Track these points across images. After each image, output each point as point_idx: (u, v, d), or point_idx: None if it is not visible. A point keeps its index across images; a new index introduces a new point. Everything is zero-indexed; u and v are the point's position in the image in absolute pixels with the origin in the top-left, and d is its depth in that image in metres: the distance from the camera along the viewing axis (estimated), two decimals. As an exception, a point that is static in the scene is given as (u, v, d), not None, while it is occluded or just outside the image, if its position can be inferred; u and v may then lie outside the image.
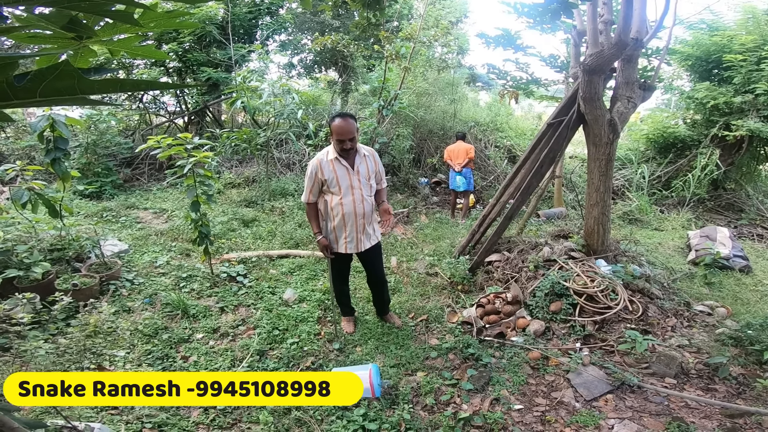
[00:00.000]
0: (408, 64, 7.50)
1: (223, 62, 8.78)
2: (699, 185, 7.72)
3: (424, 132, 9.25)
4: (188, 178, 3.90)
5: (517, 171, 4.70)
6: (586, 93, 3.92)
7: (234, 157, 8.40)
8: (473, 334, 3.66)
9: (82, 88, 0.68)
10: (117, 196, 7.03)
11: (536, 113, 13.58)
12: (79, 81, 0.67)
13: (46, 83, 0.66)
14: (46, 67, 0.65)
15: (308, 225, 5.88)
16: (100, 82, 0.70)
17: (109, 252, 4.52)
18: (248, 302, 4.06)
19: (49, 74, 0.65)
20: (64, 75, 0.65)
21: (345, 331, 3.68)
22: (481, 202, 8.19)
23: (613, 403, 2.91)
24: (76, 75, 0.66)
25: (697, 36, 7.95)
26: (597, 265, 4.05)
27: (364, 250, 3.33)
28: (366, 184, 3.19)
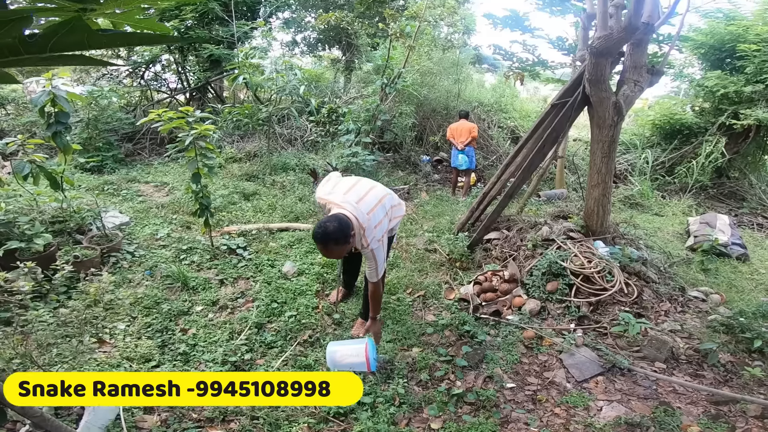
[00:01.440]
0: (413, 42, 7.39)
1: (226, 39, 8.67)
2: (702, 172, 7.70)
3: (427, 111, 9.18)
4: (190, 150, 3.89)
5: (519, 150, 4.69)
6: (592, 75, 3.89)
7: (235, 132, 8.35)
8: (470, 311, 3.70)
9: (92, 42, 0.70)
10: (118, 169, 7.02)
11: (542, 96, 13.41)
12: (89, 36, 0.69)
13: (57, 38, 0.67)
14: (59, 22, 0.66)
15: (309, 200, 5.90)
16: (108, 37, 0.73)
17: (110, 224, 4.53)
18: (247, 275, 4.08)
19: (61, 29, 0.66)
20: (75, 29, 0.67)
21: (329, 299, 3.69)
22: (482, 180, 8.18)
23: (603, 385, 2.96)
24: (87, 30, 0.68)
25: (713, 24, 7.85)
26: (595, 246, 4.07)
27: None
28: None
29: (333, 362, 2.98)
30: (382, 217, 2.75)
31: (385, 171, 7.81)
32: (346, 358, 2.91)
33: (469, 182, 7.47)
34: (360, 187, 2.84)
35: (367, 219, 2.62)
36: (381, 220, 2.73)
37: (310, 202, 5.91)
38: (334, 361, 2.96)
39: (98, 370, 2.71)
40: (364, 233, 2.59)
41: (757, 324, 3.28)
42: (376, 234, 2.65)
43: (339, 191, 2.75)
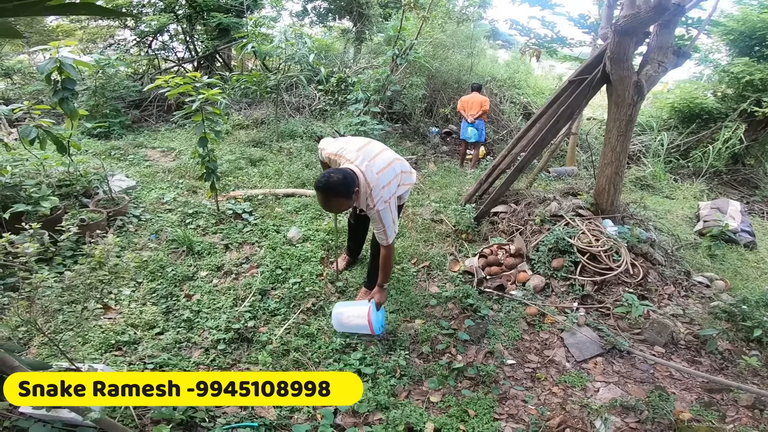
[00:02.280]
0: (427, 14, 7.20)
1: (234, 7, 8.49)
2: (718, 157, 7.59)
3: (438, 83, 9.04)
4: (197, 115, 3.84)
5: (532, 124, 4.61)
6: (615, 53, 3.78)
7: (243, 99, 8.28)
8: (474, 284, 3.69)
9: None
10: (125, 135, 7.00)
11: (557, 74, 13.11)
12: None
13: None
14: None
15: (315, 167, 5.85)
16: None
17: (116, 188, 4.53)
18: (252, 240, 4.07)
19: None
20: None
21: (334, 266, 3.66)
22: (491, 154, 8.13)
23: (602, 367, 2.96)
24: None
25: (746, 11, 7.65)
26: (604, 224, 4.02)
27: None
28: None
29: (339, 323, 2.98)
30: (391, 178, 2.71)
31: (393, 141, 7.71)
32: (352, 319, 2.91)
33: (477, 155, 7.42)
34: (371, 147, 2.79)
35: (376, 178, 2.58)
36: (390, 181, 2.69)
37: (317, 168, 5.85)
38: (341, 322, 2.96)
39: (103, 337, 2.74)
40: (371, 193, 2.55)
41: (758, 313, 3.24)
42: (384, 195, 2.61)
43: (351, 148, 2.71)
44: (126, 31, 9.79)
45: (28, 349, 2.60)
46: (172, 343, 2.79)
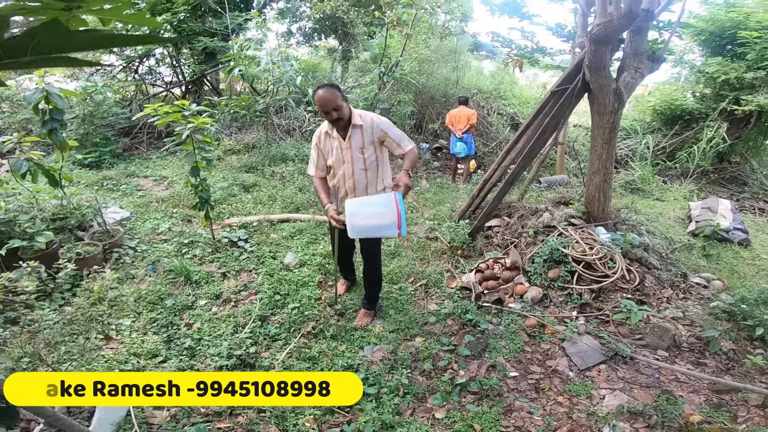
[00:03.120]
0: (410, 31, 7.31)
1: (220, 31, 8.58)
2: (704, 157, 7.69)
3: (425, 98, 9.15)
4: (187, 143, 3.87)
5: (519, 136, 4.67)
6: (592, 62, 3.87)
7: (233, 124, 8.32)
8: (472, 299, 3.71)
9: (75, 43, 0.66)
10: (116, 164, 7.01)
11: (541, 82, 13.33)
12: (69, 38, 0.65)
13: (39, 41, 0.64)
14: (37, 26, 0.63)
15: (309, 190, 5.90)
16: (91, 38, 0.67)
17: (111, 220, 4.53)
18: (250, 267, 4.09)
19: (39, 32, 0.63)
20: (53, 31, 0.63)
21: (336, 291, 3.65)
22: (482, 167, 8.19)
23: (606, 374, 2.96)
24: (66, 32, 0.64)
25: (713, 11, 7.81)
26: (596, 232, 4.07)
27: None
28: (358, 156, 2.96)
29: (353, 226, 2.64)
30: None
31: (385, 159, 7.75)
32: (370, 219, 2.63)
33: (468, 169, 7.47)
34: None
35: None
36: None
37: (310, 192, 5.89)
38: (354, 224, 2.63)
39: (106, 366, 2.73)
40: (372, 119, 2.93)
41: (758, 311, 3.25)
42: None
43: None
44: (111, 56, 9.81)
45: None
46: (175, 370, 2.78)
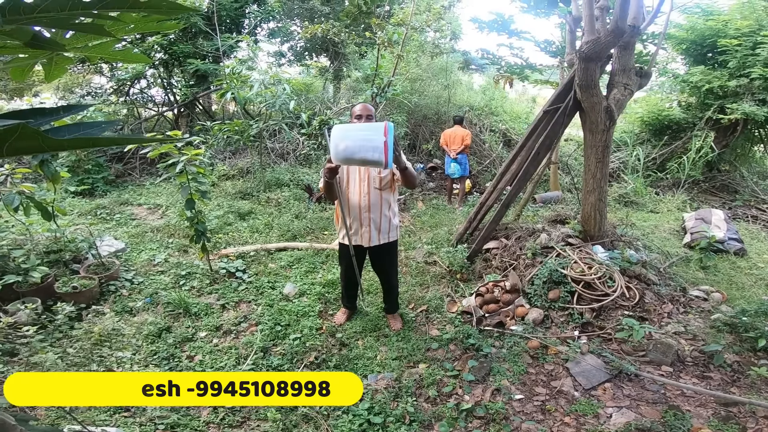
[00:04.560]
0: (401, 51, 7.40)
1: (211, 53, 8.63)
2: (694, 167, 7.78)
3: (418, 117, 9.22)
4: (181, 175, 3.85)
5: (513, 158, 4.70)
6: (583, 80, 3.90)
7: (227, 148, 8.32)
8: (473, 323, 3.69)
9: (50, 146, 0.62)
10: (110, 192, 6.96)
11: (530, 96, 13.52)
12: (44, 140, 0.61)
13: (9, 143, 0.60)
14: (3, 129, 0.58)
15: (305, 217, 5.89)
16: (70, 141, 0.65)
17: (105, 252, 4.49)
18: (249, 298, 4.06)
19: (9, 136, 0.59)
20: (25, 136, 0.59)
21: (335, 321, 3.69)
22: (477, 186, 8.20)
23: (611, 392, 2.96)
24: (39, 136, 0.60)
25: (692, 20, 7.95)
26: (594, 251, 4.09)
27: (372, 246, 3.27)
28: (375, 176, 3.13)
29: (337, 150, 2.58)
30: None
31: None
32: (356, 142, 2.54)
33: (464, 189, 7.44)
34: None
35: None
36: None
37: (307, 219, 5.89)
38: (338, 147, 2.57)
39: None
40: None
41: (760, 322, 3.28)
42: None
43: None
44: (102, 78, 9.80)
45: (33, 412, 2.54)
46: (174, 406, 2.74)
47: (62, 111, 0.67)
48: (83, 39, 1.01)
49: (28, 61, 1.04)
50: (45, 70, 1.10)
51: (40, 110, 0.66)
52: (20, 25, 0.77)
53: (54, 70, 1.11)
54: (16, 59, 1.04)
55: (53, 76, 1.12)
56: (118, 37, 1.00)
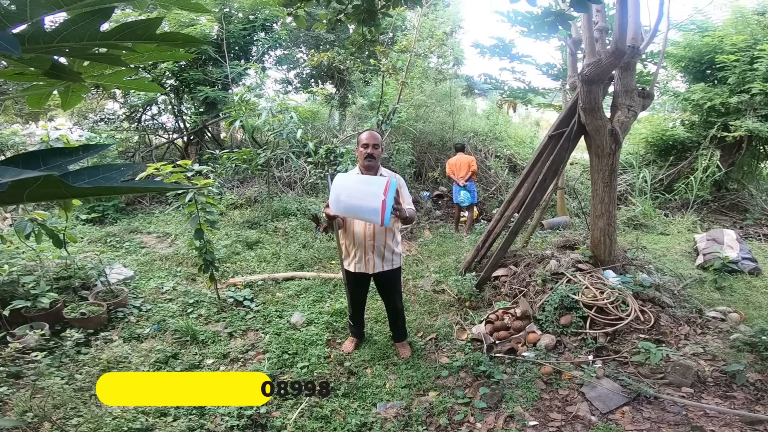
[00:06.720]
0: (405, 78, 7.52)
1: (220, 80, 8.83)
2: (702, 187, 7.70)
3: (423, 144, 9.26)
4: (190, 205, 3.89)
5: (520, 185, 4.68)
6: (586, 103, 3.90)
7: (235, 177, 8.41)
8: (483, 351, 3.62)
9: (72, 194, 0.64)
10: (120, 220, 7.03)
11: (534, 119, 13.61)
12: (66, 188, 0.62)
13: (31, 189, 0.60)
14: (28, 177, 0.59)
15: (313, 246, 5.89)
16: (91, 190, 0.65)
17: (114, 279, 4.51)
18: (256, 326, 4.03)
19: (32, 182, 0.59)
20: (48, 184, 0.60)
21: (343, 349, 3.66)
22: (484, 213, 8.12)
23: (630, 415, 2.86)
24: (61, 184, 0.61)
25: (688, 37, 8.00)
26: (605, 276, 4.03)
27: (376, 273, 3.30)
28: None
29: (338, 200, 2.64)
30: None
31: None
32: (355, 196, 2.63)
33: (472, 217, 7.28)
34: None
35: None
36: None
37: (315, 248, 5.90)
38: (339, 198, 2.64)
39: (115, 424, 2.66)
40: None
41: (780, 341, 3.22)
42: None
43: None
44: (115, 104, 10.02)
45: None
46: (185, 430, 2.69)
47: (81, 151, 0.68)
48: (99, 68, 1.04)
49: (45, 89, 1.07)
50: (62, 98, 1.13)
51: (60, 150, 0.67)
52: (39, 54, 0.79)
53: (71, 99, 1.14)
54: (33, 87, 1.07)
55: (70, 104, 1.16)
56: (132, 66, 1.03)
